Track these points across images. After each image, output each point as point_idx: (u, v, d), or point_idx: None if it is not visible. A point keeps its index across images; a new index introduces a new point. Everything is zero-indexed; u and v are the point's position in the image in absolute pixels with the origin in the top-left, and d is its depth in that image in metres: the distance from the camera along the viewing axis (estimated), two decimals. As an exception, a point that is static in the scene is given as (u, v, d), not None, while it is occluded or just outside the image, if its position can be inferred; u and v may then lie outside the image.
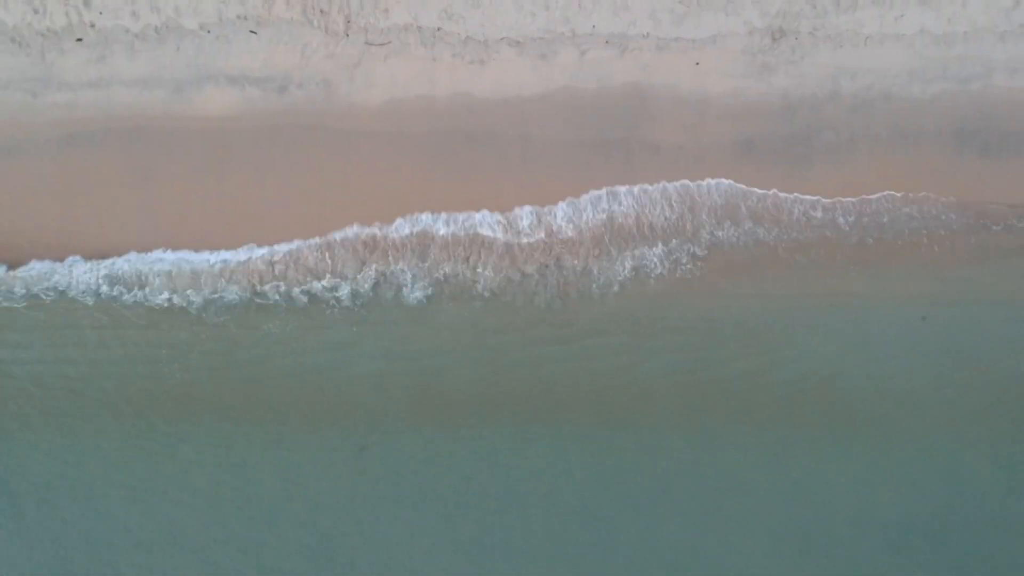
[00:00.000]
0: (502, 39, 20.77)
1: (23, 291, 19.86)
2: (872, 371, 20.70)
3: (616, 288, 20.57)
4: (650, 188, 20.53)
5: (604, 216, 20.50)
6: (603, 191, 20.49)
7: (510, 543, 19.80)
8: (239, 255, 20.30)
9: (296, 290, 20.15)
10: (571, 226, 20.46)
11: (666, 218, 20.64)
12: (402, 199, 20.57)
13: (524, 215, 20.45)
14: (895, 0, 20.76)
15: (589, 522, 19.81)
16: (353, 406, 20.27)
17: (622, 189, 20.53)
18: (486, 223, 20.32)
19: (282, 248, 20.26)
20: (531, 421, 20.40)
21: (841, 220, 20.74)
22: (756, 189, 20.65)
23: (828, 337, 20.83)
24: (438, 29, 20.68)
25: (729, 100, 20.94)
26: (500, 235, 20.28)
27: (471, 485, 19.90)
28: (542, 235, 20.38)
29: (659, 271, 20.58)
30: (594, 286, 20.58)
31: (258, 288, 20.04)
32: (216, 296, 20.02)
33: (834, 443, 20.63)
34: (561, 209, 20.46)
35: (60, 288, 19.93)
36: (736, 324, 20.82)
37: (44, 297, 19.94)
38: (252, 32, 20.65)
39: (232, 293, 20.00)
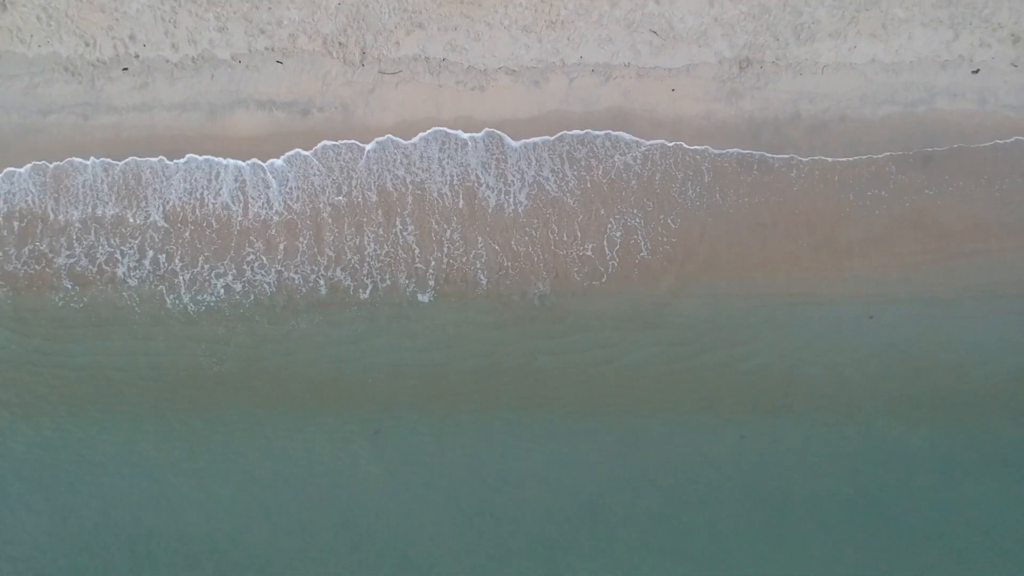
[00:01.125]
0: (499, 68, 22.95)
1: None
2: (826, 362, 23.10)
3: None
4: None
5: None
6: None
7: (504, 510, 22.18)
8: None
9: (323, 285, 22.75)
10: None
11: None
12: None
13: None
14: (848, 33, 22.92)
15: (574, 494, 22.20)
16: (368, 394, 22.61)
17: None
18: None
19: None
20: (524, 406, 22.80)
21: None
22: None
23: (788, 332, 23.02)
24: (443, 60, 23.10)
25: (701, 122, 23.05)
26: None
27: (472, 462, 22.32)
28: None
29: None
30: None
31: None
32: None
33: (793, 426, 22.98)
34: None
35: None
36: (707, 321, 23.07)
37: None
38: (278, 62, 23.06)
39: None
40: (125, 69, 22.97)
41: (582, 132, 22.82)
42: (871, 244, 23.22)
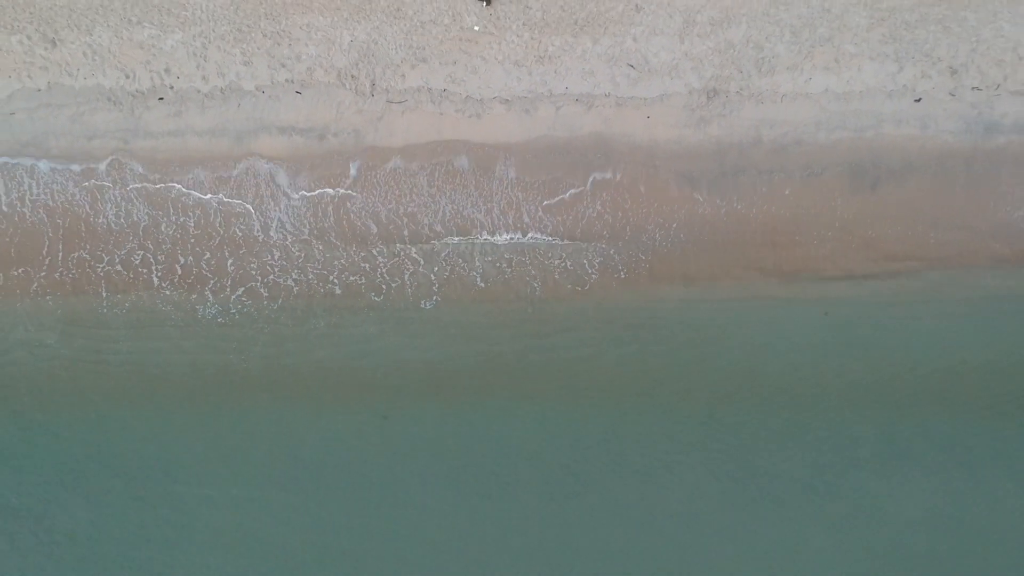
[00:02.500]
0: (494, 98, 25.42)
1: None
2: (786, 358, 25.67)
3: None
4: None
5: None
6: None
7: (496, 486, 24.58)
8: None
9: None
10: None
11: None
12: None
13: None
14: (805, 66, 25.41)
15: (561, 476, 24.70)
16: (378, 385, 25.16)
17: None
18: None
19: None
20: (516, 397, 25.32)
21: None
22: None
23: (752, 332, 25.63)
24: (444, 90, 25.77)
25: (673, 146, 25.40)
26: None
27: (469, 444, 24.81)
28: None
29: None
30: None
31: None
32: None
33: (758, 416, 25.26)
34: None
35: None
36: (680, 323, 25.62)
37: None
38: (297, 92, 25.81)
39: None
40: (161, 99, 25.66)
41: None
42: (825, 255, 26.00)
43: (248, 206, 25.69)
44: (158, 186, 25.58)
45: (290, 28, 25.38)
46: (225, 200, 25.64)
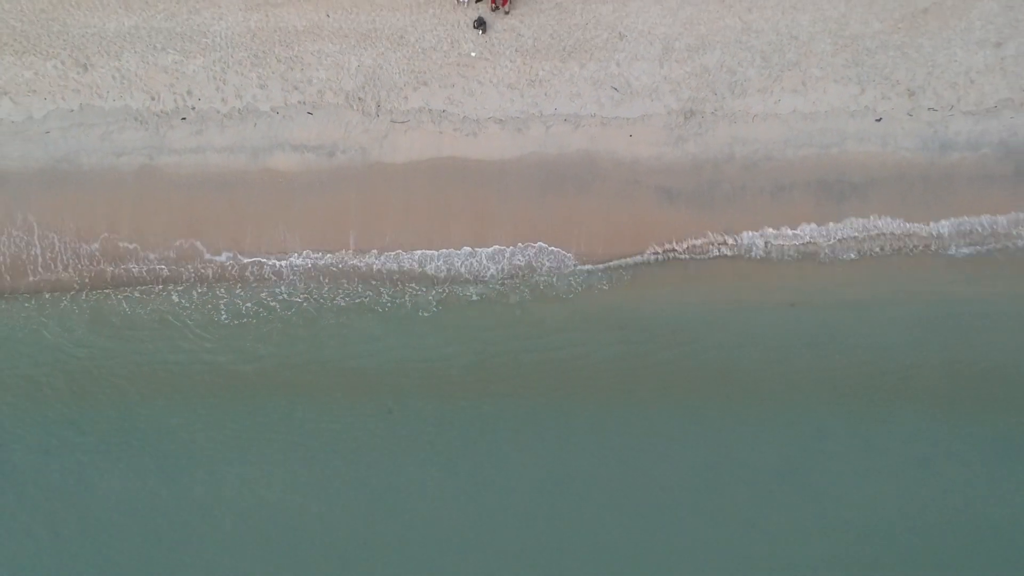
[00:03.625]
0: (489, 118, 27.51)
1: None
2: (756, 355, 27.29)
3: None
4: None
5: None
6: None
7: (491, 476, 26.47)
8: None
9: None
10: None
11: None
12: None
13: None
14: (774, 89, 27.58)
15: (549, 462, 26.64)
16: (383, 381, 27.05)
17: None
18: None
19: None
20: (510, 395, 27.11)
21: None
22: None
23: (726, 332, 27.45)
24: (443, 111, 27.98)
25: (653, 162, 27.41)
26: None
27: (465, 437, 26.74)
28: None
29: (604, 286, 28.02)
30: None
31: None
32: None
33: (730, 408, 27.11)
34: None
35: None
36: (660, 324, 27.48)
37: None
38: (309, 113, 28.02)
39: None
40: (184, 119, 27.94)
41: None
42: (793, 260, 28.09)
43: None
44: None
45: (302, 54, 27.76)
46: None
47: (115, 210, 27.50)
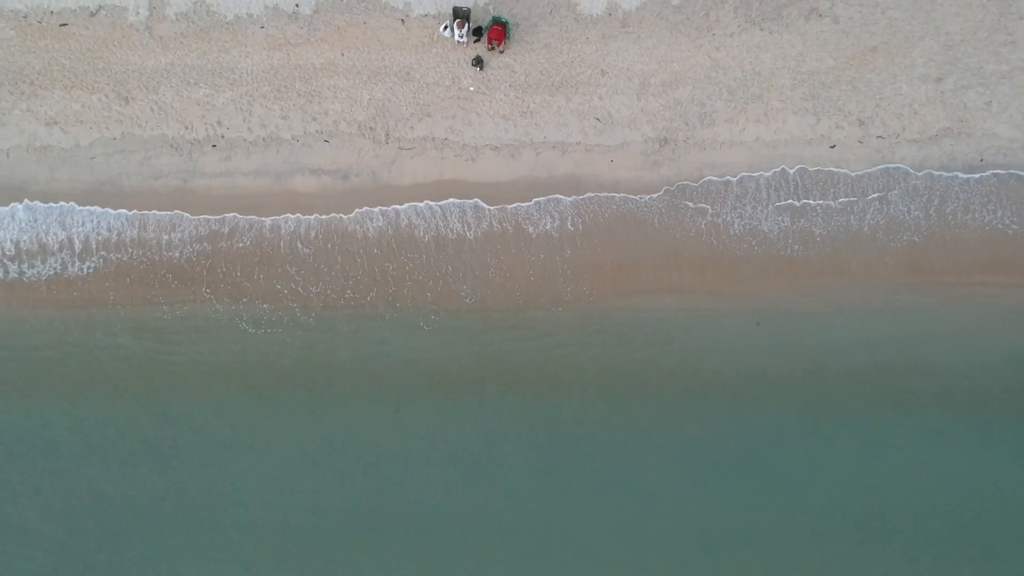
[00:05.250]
0: (486, 145, 30.31)
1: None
2: (726, 358, 30.60)
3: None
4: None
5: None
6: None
7: (488, 465, 29.82)
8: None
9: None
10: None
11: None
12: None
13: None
14: (739, 119, 30.18)
15: (537, 450, 29.96)
16: (391, 381, 30.22)
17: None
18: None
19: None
20: (504, 391, 30.32)
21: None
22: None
23: (695, 336, 30.55)
24: (445, 139, 30.95)
25: (632, 184, 30.35)
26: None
27: (465, 430, 30.04)
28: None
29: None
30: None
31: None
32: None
33: (697, 405, 30.43)
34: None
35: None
36: (636, 329, 30.40)
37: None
38: (326, 141, 31.04)
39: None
40: (214, 146, 31.08)
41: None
42: (757, 273, 31.18)
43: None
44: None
45: (319, 88, 30.95)
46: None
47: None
